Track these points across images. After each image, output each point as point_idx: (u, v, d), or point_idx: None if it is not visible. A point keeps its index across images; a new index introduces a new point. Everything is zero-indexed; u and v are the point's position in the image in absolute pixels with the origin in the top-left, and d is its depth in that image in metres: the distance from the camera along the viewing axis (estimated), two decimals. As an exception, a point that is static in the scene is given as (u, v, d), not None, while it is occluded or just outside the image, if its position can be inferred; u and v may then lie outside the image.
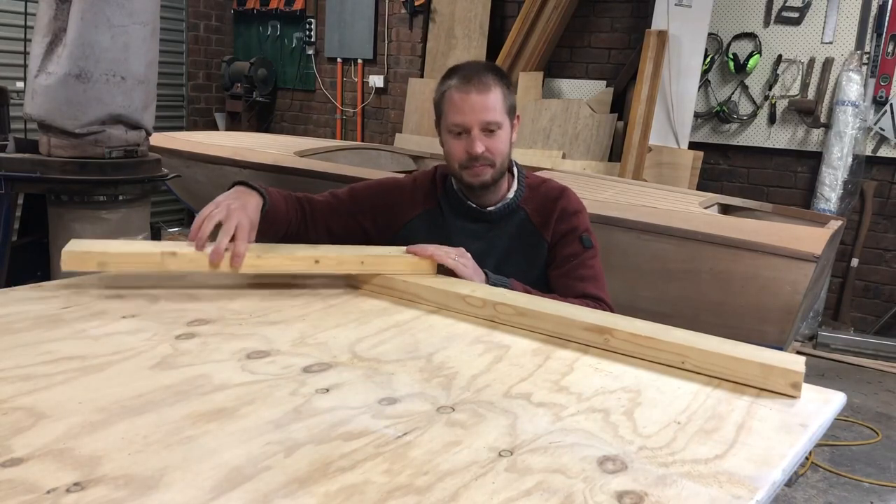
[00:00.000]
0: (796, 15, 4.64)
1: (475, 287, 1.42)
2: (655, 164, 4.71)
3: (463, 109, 1.65)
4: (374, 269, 1.48)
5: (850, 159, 4.50)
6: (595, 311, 1.30)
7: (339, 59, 6.43)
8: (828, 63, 4.58)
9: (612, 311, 1.62)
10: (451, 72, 1.71)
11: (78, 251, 1.34)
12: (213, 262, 1.38)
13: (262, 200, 1.56)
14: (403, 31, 6.05)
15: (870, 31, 4.46)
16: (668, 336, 1.16)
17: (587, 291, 1.67)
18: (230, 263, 1.39)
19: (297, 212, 1.73)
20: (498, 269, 1.73)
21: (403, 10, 5.97)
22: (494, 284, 1.54)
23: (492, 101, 1.65)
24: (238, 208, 1.47)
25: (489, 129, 1.65)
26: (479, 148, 1.65)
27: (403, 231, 1.78)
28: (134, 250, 1.37)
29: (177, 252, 1.36)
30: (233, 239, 1.41)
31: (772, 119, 4.73)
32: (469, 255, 1.57)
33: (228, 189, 1.58)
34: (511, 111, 1.71)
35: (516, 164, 1.82)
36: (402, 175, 1.89)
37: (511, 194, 1.77)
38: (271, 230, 1.70)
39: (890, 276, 4.60)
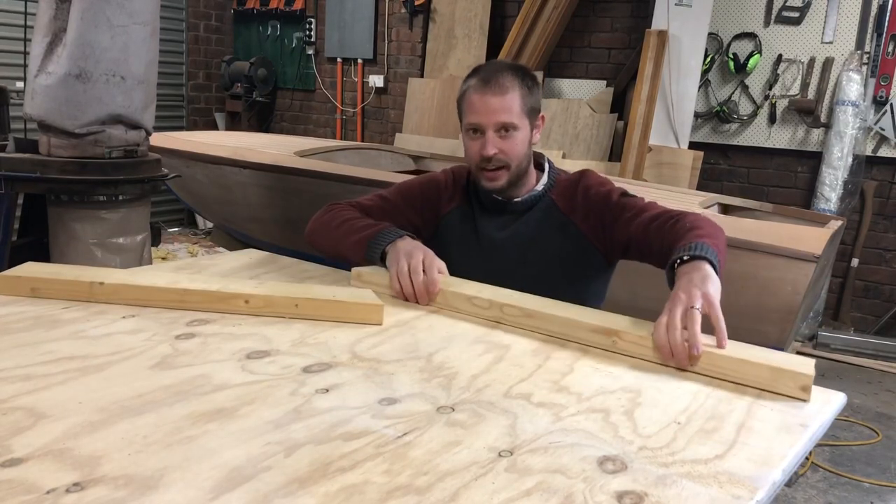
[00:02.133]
0: (796, 15, 4.64)
1: (481, 288, 1.42)
2: (655, 164, 4.71)
3: (479, 110, 1.65)
4: (308, 314, 1.30)
5: (850, 159, 4.50)
6: (602, 312, 1.30)
7: (339, 59, 6.43)
8: (828, 63, 4.58)
9: (685, 214, 1.52)
10: (474, 71, 1.71)
11: (11, 276, 1.33)
12: (422, 303, 1.43)
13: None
14: (403, 31, 6.05)
15: (870, 30, 4.46)
16: None
17: (672, 213, 1.56)
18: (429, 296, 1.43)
19: None
20: (523, 255, 1.72)
21: (403, 10, 5.97)
22: (709, 254, 1.30)
23: (507, 102, 1.64)
24: (416, 254, 1.49)
25: (504, 131, 1.65)
26: (491, 150, 1.64)
27: (441, 224, 1.80)
28: (65, 278, 1.34)
29: (104, 282, 1.32)
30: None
31: (772, 119, 4.73)
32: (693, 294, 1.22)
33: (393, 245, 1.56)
34: (532, 112, 1.69)
35: (549, 161, 1.81)
36: (441, 171, 1.90)
37: (539, 187, 1.76)
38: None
39: (890, 276, 4.60)
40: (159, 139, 3.63)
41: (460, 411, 0.94)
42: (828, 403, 1.04)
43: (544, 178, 1.77)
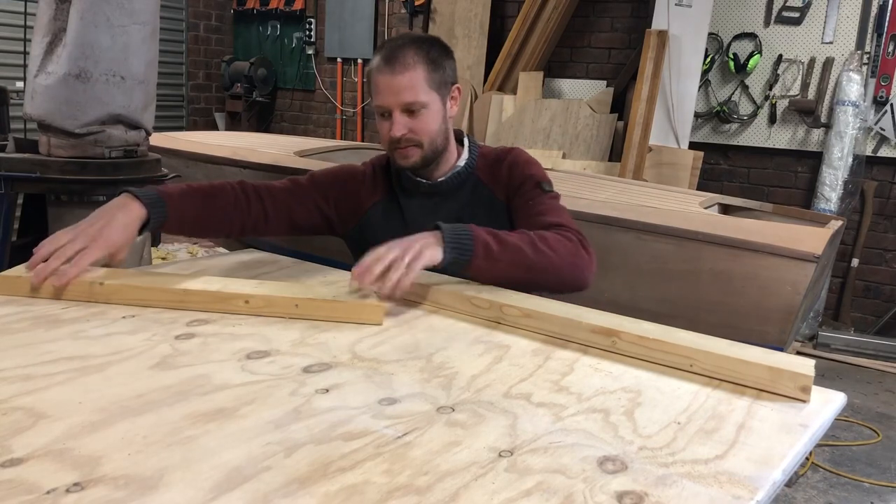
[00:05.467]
0: (796, 15, 4.64)
1: (481, 288, 1.41)
2: (655, 164, 4.70)
3: (382, 91, 1.60)
4: (308, 314, 1.29)
5: (850, 159, 4.50)
6: (602, 313, 1.29)
7: (339, 59, 6.43)
8: (828, 63, 4.58)
9: (578, 232, 1.56)
10: (379, 48, 1.65)
11: (11, 276, 1.32)
12: (33, 282, 1.28)
13: (144, 213, 1.43)
14: (403, 31, 6.05)
15: (870, 31, 4.46)
16: (675, 339, 1.16)
17: (549, 221, 1.59)
18: (53, 291, 1.29)
19: (247, 205, 1.63)
20: (432, 226, 1.61)
21: (403, 10, 5.97)
22: (451, 238, 1.39)
23: (410, 80, 1.57)
24: (94, 231, 1.35)
25: (410, 110, 1.60)
26: (398, 131, 1.60)
27: (364, 218, 1.74)
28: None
29: (105, 282, 1.32)
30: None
31: (772, 119, 4.73)
32: (405, 240, 1.38)
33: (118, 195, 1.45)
34: (442, 86, 1.63)
35: (468, 137, 1.77)
36: (359, 164, 1.84)
37: (461, 163, 1.72)
38: (197, 235, 1.63)
39: (890, 276, 4.60)
40: (159, 139, 3.62)
41: (460, 411, 0.94)
42: (828, 403, 1.04)
43: (465, 154, 1.73)
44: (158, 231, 1.52)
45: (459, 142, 1.76)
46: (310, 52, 6.57)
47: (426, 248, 1.36)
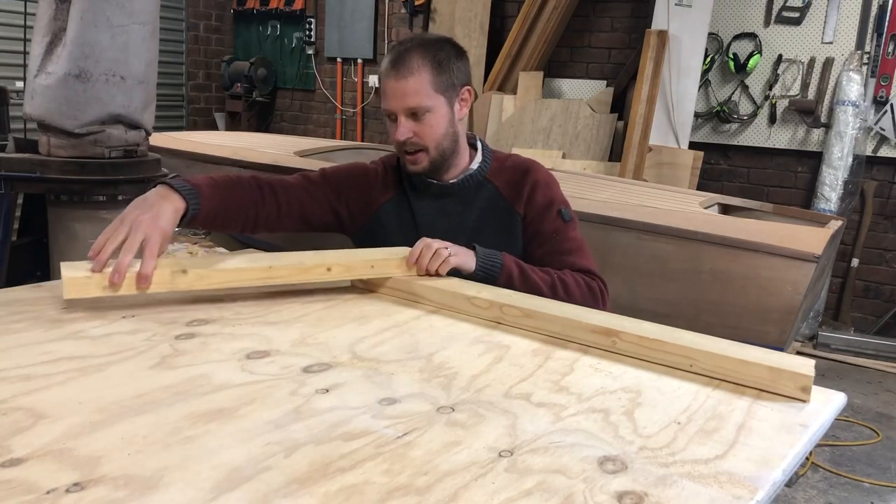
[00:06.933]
0: (796, 15, 4.64)
1: (481, 288, 1.41)
2: (655, 164, 4.71)
3: (388, 95, 1.62)
4: (383, 273, 1.46)
5: (850, 159, 4.50)
6: (602, 312, 1.30)
7: (338, 59, 6.44)
8: (828, 63, 4.58)
9: (601, 280, 1.66)
10: (389, 51, 1.66)
11: (80, 277, 1.24)
12: (114, 281, 1.24)
13: (184, 205, 1.43)
14: (403, 31, 6.05)
15: (870, 31, 4.46)
16: (675, 338, 1.16)
17: (575, 264, 1.65)
18: (136, 284, 1.26)
19: (261, 199, 1.63)
20: (471, 245, 1.67)
21: (403, 10, 5.97)
22: (484, 259, 1.53)
23: (414, 85, 1.58)
24: (148, 220, 1.33)
25: (415, 115, 1.61)
26: (402, 135, 1.61)
27: (375, 216, 1.74)
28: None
29: (188, 270, 1.31)
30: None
31: (772, 119, 4.73)
32: (449, 243, 1.51)
33: (153, 188, 1.45)
34: (449, 88, 1.63)
35: (480, 140, 1.78)
36: (370, 162, 1.84)
37: (474, 166, 1.72)
38: (217, 228, 1.61)
39: (890, 276, 4.60)
40: (159, 139, 3.63)
41: (460, 411, 0.94)
42: (828, 403, 1.04)
43: (478, 157, 1.73)
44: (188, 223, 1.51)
45: (472, 146, 1.76)
46: (310, 52, 6.58)
47: (464, 254, 1.52)
